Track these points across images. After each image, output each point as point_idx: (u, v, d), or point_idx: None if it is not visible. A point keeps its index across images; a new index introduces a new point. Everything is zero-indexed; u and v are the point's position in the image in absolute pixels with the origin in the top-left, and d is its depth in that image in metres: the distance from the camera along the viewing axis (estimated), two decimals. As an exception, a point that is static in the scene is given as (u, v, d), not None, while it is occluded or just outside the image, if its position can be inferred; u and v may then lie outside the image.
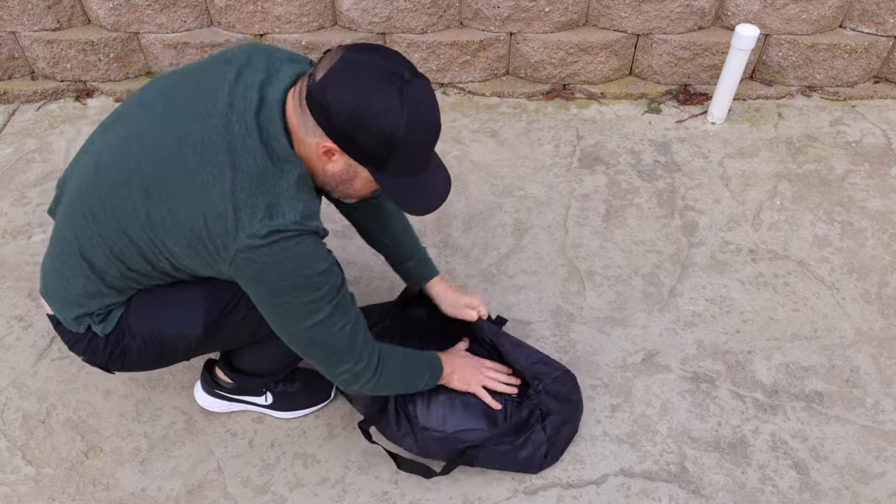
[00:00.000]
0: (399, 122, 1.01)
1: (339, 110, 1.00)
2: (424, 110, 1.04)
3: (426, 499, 1.50)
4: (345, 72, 1.00)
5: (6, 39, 2.51)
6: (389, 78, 1.00)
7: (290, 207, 1.07)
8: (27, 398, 1.68)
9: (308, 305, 1.12)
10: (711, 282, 1.94)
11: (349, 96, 0.99)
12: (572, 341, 1.80)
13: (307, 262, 1.09)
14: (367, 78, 1.00)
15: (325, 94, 1.00)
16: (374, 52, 1.03)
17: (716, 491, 1.51)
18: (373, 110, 0.99)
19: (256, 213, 1.05)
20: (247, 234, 1.05)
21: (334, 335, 1.17)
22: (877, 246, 2.04)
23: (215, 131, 1.07)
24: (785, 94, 2.59)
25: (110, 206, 1.14)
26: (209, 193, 1.06)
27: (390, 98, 1.00)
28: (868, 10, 2.42)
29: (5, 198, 2.21)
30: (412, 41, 2.49)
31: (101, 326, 1.27)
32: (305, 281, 1.10)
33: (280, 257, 1.07)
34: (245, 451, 1.59)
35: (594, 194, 2.21)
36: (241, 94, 1.09)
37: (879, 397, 1.68)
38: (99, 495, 1.51)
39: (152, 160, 1.10)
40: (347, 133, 1.02)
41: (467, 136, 2.43)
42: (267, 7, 2.42)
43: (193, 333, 1.28)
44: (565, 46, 2.48)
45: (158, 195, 1.09)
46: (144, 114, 1.16)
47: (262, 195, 1.06)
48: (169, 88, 1.17)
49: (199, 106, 1.10)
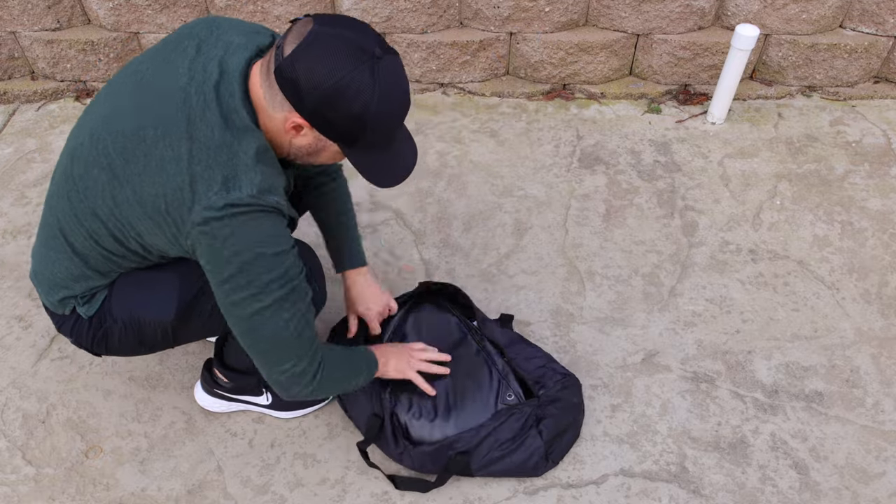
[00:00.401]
0: (370, 101, 1.00)
1: (309, 88, 0.99)
2: (395, 87, 1.03)
3: (426, 498, 1.50)
4: (315, 47, 0.99)
5: (6, 39, 2.51)
6: (361, 55, 0.99)
7: (248, 180, 1.06)
8: (27, 398, 1.68)
9: (256, 287, 1.09)
10: (711, 282, 1.94)
11: (320, 74, 0.98)
12: (572, 341, 1.80)
13: (261, 239, 1.07)
14: (338, 55, 0.98)
15: (295, 69, 0.99)
16: (344, 27, 1.01)
17: (716, 491, 1.51)
18: (345, 89, 0.99)
19: (213, 185, 1.04)
20: (203, 205, 1.04)
21: (279, 326, 1.13)
22: (877, 246, 2.04)
23: (174, 106, 1.07)
24: (785, 94, 2.59)
25: (83, 188, 1.15)
26: (167, 167, 1.06)
27: (362, 76, 0.99)
28: (868, 10, 2.42)
29: (5, 198, 2.21)
30: (412, 41, 2.49)
31: (85, 309, 1.28)
32: (256, 259, 1.07)
33: (233, 232, 1.05)
34: (245, 451, 1.59)
35: (594, 194, 2.21)
36: (200, 68, 1.08)
37: (879, 397, 1.68)
38: (99, 495, 1.51)
39: (117, 140, 1.11)
40: (318, 111, 1.01)
41: (467, 136, 2.43)
42: (267, 7, 2.42)
43: (167, 318, 1.28)
44: (565, 46, 2.48)
45: (122, 174, 1.09)
46: (117, 93, 1.16)
47: (218, 167, 1.05)
48: (140, 66, 1.17)
49: (160, 82, 1.10)
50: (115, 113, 1.13)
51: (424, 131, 2.45)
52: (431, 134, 2.44)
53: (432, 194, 2.22)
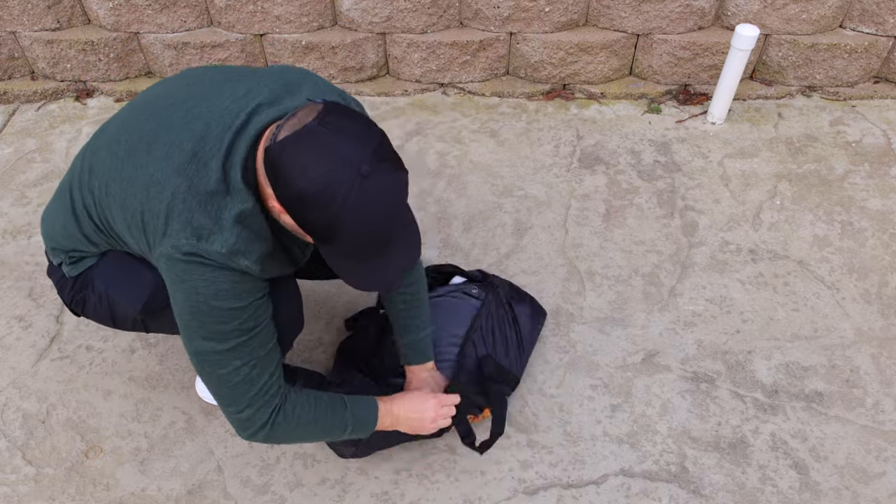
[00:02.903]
0: (340, 215, 0.96)
1: (285, 181, 0.96)
2: (375, 208, 0.97)
3: (426, 499, 1.50)
4: (304, 144, 0.95)
5: (6, 39, 2.51)
6: (345, 168, 0.94)
7: (221, 238, 1.04)
8: (27, 398, 1.68)
9: (207, 332, 1.08)
10: (711, 282, 1.94)
11: (297, 173, 0.95)
12: (572, 341, 1.80)
13: (217, 294, 1.06)
14: (321, 160, 0.94)
15: (279, 158, 0.97)
16: (344, 133, 0.96)
17: (716, 491, 1.51)
18: (316, 196, 0.95)
19: (186, 228, 1.04)
20: (171, 244, 1.05)
21: (227, 372, 1.11)
22: (877, 246, 2.04)
23: (190, 137, 1.07)
24: (785, 94, 2.59)
25: (94, 161, 1.17)
26: (152, 189, 1.06)
27: (336, 189, 0.94)
28: (868, 10, 2.42)
29: (5, 198, 2.21)
30: (412, 41, 2.49)
31: (70, 268, 1.31)
32: (210, 309, 1.06)
33: (192, 279, 1.05)
34: (245, 451, 1.59)
35: (594, 194, 2.21)
36: (235, 111, 1.08)
37: (879, 397, 1.68)
38: (99, 495, 1.51)
39: (134, 135, 1.12)
40: (291, 205, 0.98)
41: (467, 136, 2.43)
42: (267, 7, 2.42)
43: (133, 310, 1.30)
44: (565, 46, 2.48)
45: (122, 169, 1.11)
46: (165, 93, 1.17)
47: (198, 215, 1.04)
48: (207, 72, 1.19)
49: (196, 107, 1.10)
50: (154, 110, 1.15)
51: (424, 131, 2.45)
52: (431, 134, 2.44)
53: (432, 194, 2.22)
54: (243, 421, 1.16)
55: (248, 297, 1.09)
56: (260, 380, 1.14)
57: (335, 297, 1.90)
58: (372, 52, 2.55)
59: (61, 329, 1.83)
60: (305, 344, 1.79)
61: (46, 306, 1.88)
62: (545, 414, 1.65)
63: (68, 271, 1.31)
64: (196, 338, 1.10)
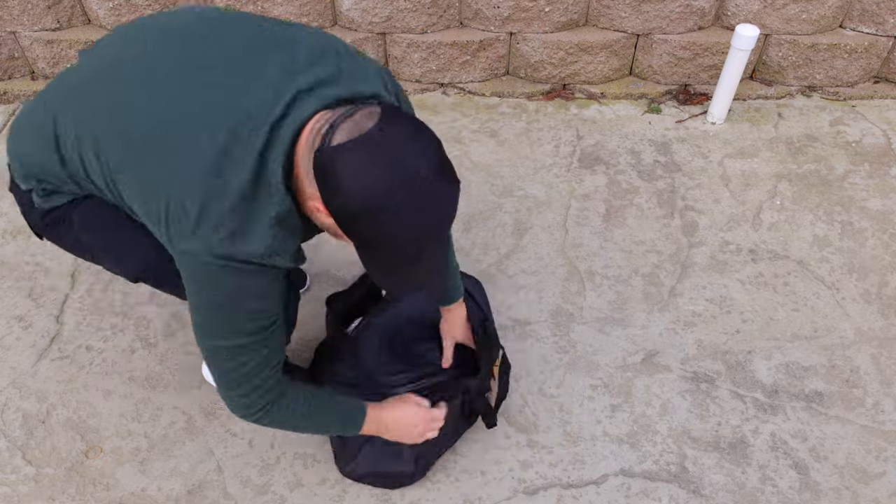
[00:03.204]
0: (393, 232, 0.92)
1: (338, 191, 0.90)
2: (429, 222, 0.94)
3: (426, 499, 1.50)
4: (362, 153, 0.89)
5: (6, 39, 2.51)
6: (405, 181, 0.89)
7: (259, 240, 0.99)
8: (27, 398, 1.68)
9: (221, 328, 1.08)
10: (711, 282, 1.94)
11: (353, 185, 0.89)
12: (572, 341, 1.80)
13: (244, 291, 1.03)
14: (380, 174, 0.89)
15: (333, 164, 0.90)
16: (403, 139, 0.91)
17: (716, 491, 1.51)
18: (371, 211, 0.90)
19: (220, 229, 0.97)
20: (203, 245, 0.98)
21: (233, 366, 1.11)
22: (877, 246, 2.04)
23: (219, 128, 0.97)
24: (785, 94, 2.59)
25: (95, 128, 1.06)
26: (182, 187, 0.98)
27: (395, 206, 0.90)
28: (868, 10, 2.42)
29: (5, 198, 2.21)
30: (412, 41, 2.49)
31: (41, 200, 1.20)
32: (230, 305, 1.05)
33: (221, 279, 1.01)
34: (245, 451, 1.59)
35: (594, 194, 2.21)
36: (273, 94, 0.98)
37: (879, 397, 1.68)
38: (99, 495, 1.51)
39: (146, 122, 1.01)
40: (341, 214, 0.93)
41: (467, 136, 2.43)
42: (267, 7, 2.42)
43: (123, 274, 1.29)
44: (565, 46, 2.48)
45: (139, 160, 1.02)
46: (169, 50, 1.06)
47: (233, 216, 0.97)
48: (214, 35, 1.06)
49: (217, 86, 1.00)
50: (155, 72, 1.04)
51: (424, 131, 2.45)
52: (431, 134, 2.44)
53: (432, 194, 2.21)
54: (239, 405, 1.16)
55: (269, 297, 1.08)
56: (262, 373, 1.13)
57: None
58: (372, 52, 2.55)
59: (61, 329, 1.83)
60: (305, 344, 1.79)
61: (46, 306, 1.88)
62: (545, 414, 1.65)
63: (39, 203, 1.19)
64: (213, 334, 1.08)
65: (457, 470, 1.55)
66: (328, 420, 1.29)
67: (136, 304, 1.87)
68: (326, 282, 1.95)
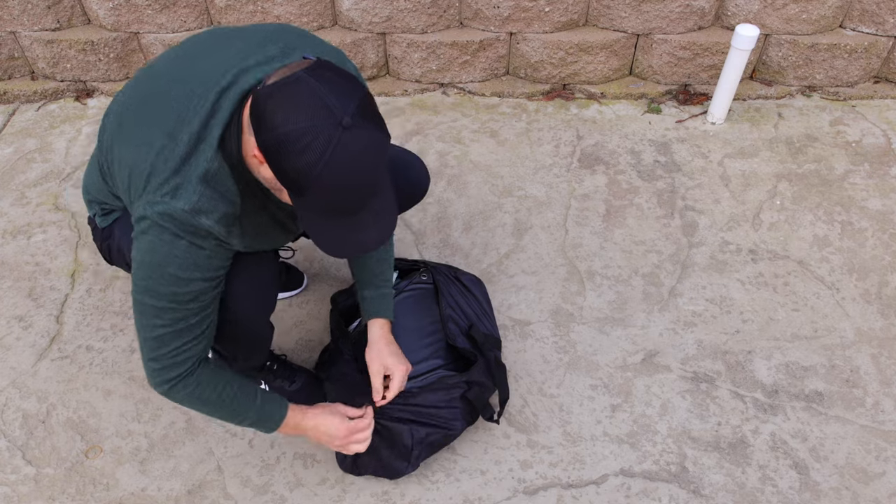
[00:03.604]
0: (314, 165, 0.95)
1: (267, 127, 0.97)
2: (351, 162, 0.97)
3: (426, 499, 1.50)
4: (287, 91, 0.96)
5: (6, 39, 2.50)
6: (326, 117, 0.94)
7: (186, 195, 1.08)
8: (27, 398, 1.68)
9: (149, 285, 1.13)
10: (711, 282, 1.94)
11: (279, 118, 0.95)
12: (572, 341, 1.80)
13: (167, 256, 1.10)
14: (302, 107, 0.95)
15: (265, 103, 0.97)
16: (330, 84, 0.97)
17: (716, 491, 1.51)
18: (293, 142, 0.95)
19: (163, 186, 1.08)
20: (146, 200, 1.09)
21: (147, 325, 1.16)
22: (877, 246, 2.04)
23: (177, 98, 1.11)
24: (785, 94, 2.59)
25: (111, 122, 1.23)
26: (142, 149, 1.11)
27: (314, 138, 0.94)
28: (868, 10, 2.42)
29: (5, 198, 2.21)
30: (412, 41, 2.49)
31: (101, 220, 1.41)
32: (156, 267, 1.11)
33: (153, 235, 1.09)
34: (245, 451, 1.59)
35: (594, 194, 2.21)
36: (221, 71, 1.10)
37: (879, 397, 1.68)
38: (99, 495, 1.51)
39: (136, 103, 1.18)
40: (269, 152, 0.98)
41: (467, 136, 2.43)
42: (267, 7, 2.42)
43: None
44: (565, 46, 2.48)
45: (122, 133, 1.17)
46: (168, 59, 1.22)
47: (175, 174, 1.08)
48: (210, 36, 1.22)
49: (187, 70, 1.14)
50: (160, 73, 1.20)
51: (424, 131, 2.45)
52: (431, 134, 2.44)
53: (432, 194, 2.22)
54: (149, 371, 1.21)
55: (202, 272, 1.14)
56: (171, 344, 1.18)
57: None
58: (372, 52, 2.55)
59: (61, 329, 1.83)
60: (305, 344, 1.79)
61: (46, 306, 1.88)
62: (545, 414, 1.65)
63: (100, 222, 1.41)
64: (137, 284, 1.15)
65: (457, 470, 1.55)
66: (241, 413, 1.30)
67: (136, 304, 1.87)
68: (326, 281, 1.95)
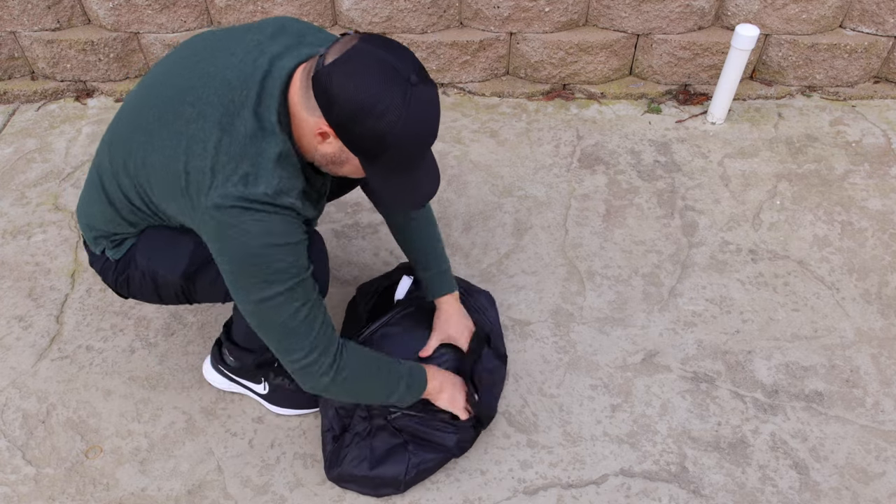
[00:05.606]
0: (395, 123, 1.01)
1: (340, 99, 1.01)
2: (424, 115, 1.04)
3: (426, 499, 1.50)
4: (353, 62, 1.01)
5: (6, 39, 2.51)
6: (395, 78, 1.01)
7: (265, 180, 1.09)
8: (27, 398, 1.68)
9: (264, 275, 1.12)
10: (711, 282, 1.94)
11: (352, 88, 1.00)
12: (572, 341, 1.80)
13: (269, 231, 1.11)
14: (372, 73, 1.00)
15: (330, 79, 1.01)
16: (387, 49, 1.03)
17: (716, 491, 1.51)
18: (372, 107, 1.00)
19: (232, 176, 1.08)
20: (219, 192, 1.09)
21: (287, 315, 1.16)
22: (877, 246, 2.04)
23: (215, 91, 1.11)
24: (785, 94, 2.59)
25: (121, 142, 1.23)
26: (195, 147, 1.11)
27: (391, 97, 1.00)
28: (868, 10, 2.42)
29: (5, 198, 2.21)
30: (412, 41, 2.49)
31: (113, 252, 1.37)
32: (263, 248, 1.10)
33: (242, 222, 1.09)
34: (245, 451, 1.59)
35: (594, 194, 2.21)
36: (251, 61, 1.12)
37: (879, 397, 1.68)
38: (99, 495, 1.51)
39: (158, 106, 1.17)
40: (344, 123, 1.03)
41: (467, 136, 2.43)
42: (267, 7, 2.42)
43: (175, 275, 1.34)
44: (565, 46, 2.48)
45: (157, 140, 1.15)
46: (176, 61, 1.22)
47: (242, 162, 1.09)
48: (207, 39, 1.22)
49: (212, 63, 1.15)
50: (166, 80, 1.19)
51: (424, 131, 2.45)
52: (431, 134, 2.44)
53: (432, 194, 2.22)
54: (309, 367, 1.20)
55: (295, 236, 1.14)
56: (317, 320, 1.19)
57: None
58: (372, 52, 2.55)
59: (61, 329, 1.83)
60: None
61: (46, 306, 1.88)
62: (545, 414, 1.65)
63: (112, 255, 1.37)
64: (253, 287, 1.13)
65: (457, 470, 1.55)
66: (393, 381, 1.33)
67: (137, 304, 1.87)
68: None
